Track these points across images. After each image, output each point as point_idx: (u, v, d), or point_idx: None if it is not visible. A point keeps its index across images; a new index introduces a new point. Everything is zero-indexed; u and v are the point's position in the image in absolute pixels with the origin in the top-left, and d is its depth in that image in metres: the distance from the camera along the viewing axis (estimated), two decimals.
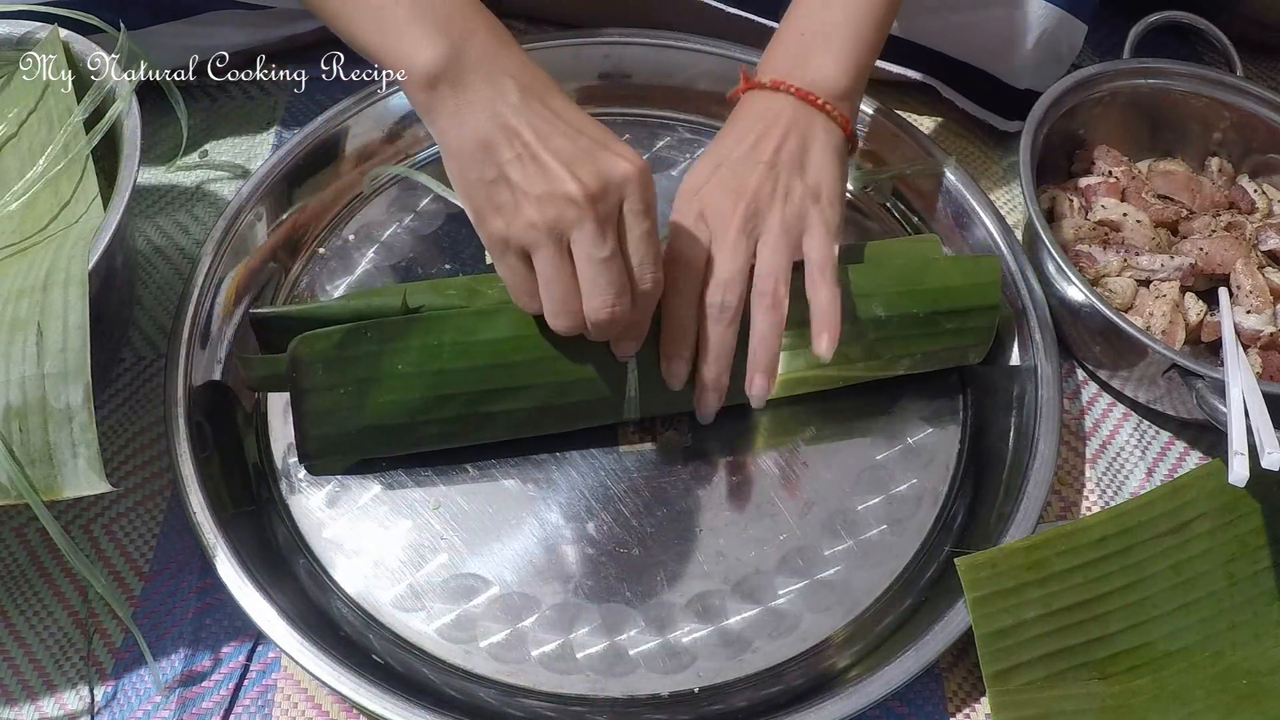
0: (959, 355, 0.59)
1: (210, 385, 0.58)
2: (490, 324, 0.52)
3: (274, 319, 0.54)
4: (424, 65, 0.46)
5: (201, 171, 0.71)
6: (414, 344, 0.52)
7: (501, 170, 0.46)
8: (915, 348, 0.57)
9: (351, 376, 0.51)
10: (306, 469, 0.55)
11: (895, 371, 0.58)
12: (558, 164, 0.45)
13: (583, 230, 0.46)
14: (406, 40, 0.47)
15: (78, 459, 0.46)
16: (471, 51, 0.47)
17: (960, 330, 0.58)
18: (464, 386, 0.53)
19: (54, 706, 0.51)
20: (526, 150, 0.46)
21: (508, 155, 0.46)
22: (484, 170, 0.47)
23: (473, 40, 0.47)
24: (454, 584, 0.54)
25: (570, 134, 0.47)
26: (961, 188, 0.65)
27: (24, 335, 0.47)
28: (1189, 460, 0.62)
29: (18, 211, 0.56)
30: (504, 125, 0.46)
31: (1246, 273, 0.63)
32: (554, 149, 0.46)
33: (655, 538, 0.55)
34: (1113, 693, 0.51)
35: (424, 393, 0.52)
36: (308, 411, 0.52)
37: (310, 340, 0.51)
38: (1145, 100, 0.69)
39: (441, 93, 0.47)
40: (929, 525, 0.57)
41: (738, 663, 0.52)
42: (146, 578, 0.55)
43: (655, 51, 0.71)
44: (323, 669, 0.48)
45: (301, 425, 0.52)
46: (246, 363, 0.54)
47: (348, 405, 0.52)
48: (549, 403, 0.54)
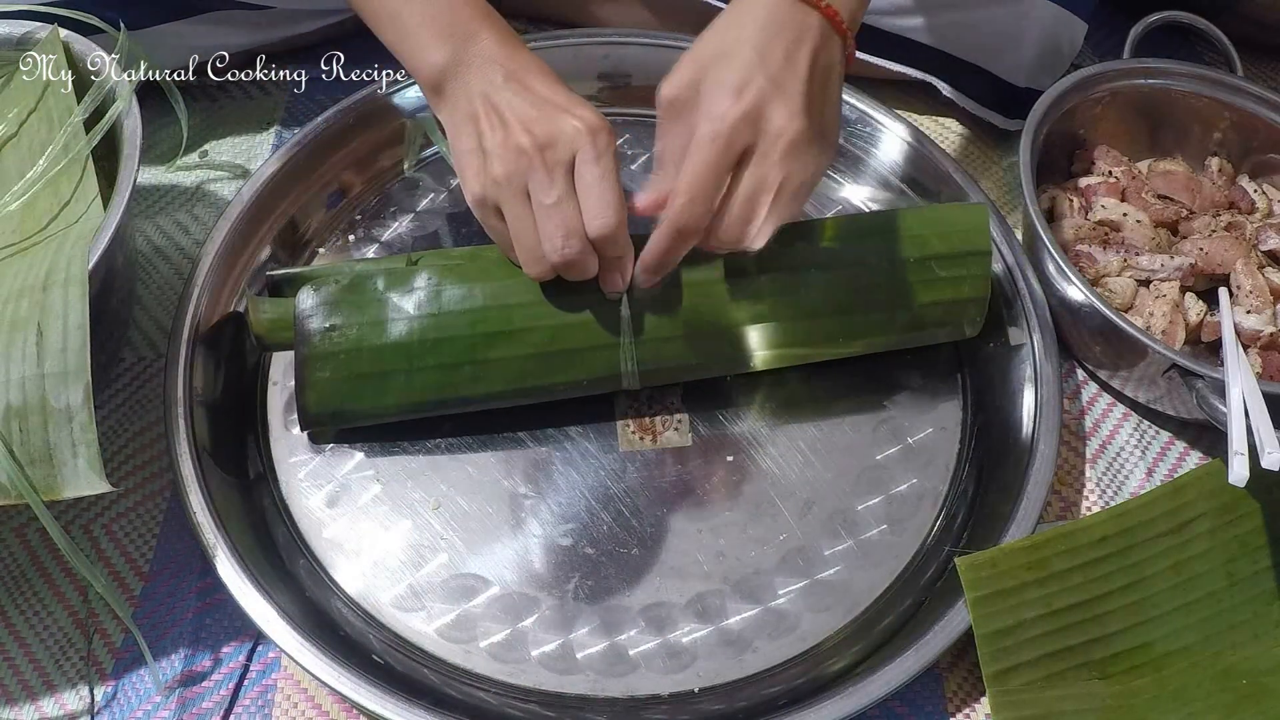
0: (956, 314, 0.58)
1: (210, 381, 0.57)
2: (489, 271, 0.55)
3: (289, 280, 0.55)
4: (430, 67, 0.52)
5: (201, 171, 0.71)
6: (417, 286, 0.54)
7: (479, 139, 0.51)
8: (911, 298, 0.57)
9: (355, 319, 0.53)
10: (303, 426, 0.55)
11: (894, 334, 0.58)
12: (516, 123, 0.50)
13: (534, 179, 0.50)
14: (417, 44, 0.53)
15: (78, 459, 0.46)
16: (472, 52, 0.52)
17: (955, 280, 0.57)
18: (463, 330, 0.54)
19: (54, 706, 0.51)
20: (498, 118, 0.51)
21: (484, 126, 0.51)
22: (468, 141, 0.52)
23: (475, 43, 0.52)
24: (454, 584, 0.54)
25: (538, 102, 0.51)
26: (963, 188, 0.65)
27: (24, 335, 0.47)
28: (1189, 460, 0.62)
29: (18, 211, 0.56)
30: (485, 101, 0.51)
31: (1246, 273, 0.63)
32: (518, 113, 0.50)
33: (655, 538, 0.55)
34: (1113, 693, 0.51)
35: (423, 335, 0.53)
36: (311, 355, 0.53)
37: (319, 281, 0.53)
38: (1145, 100, 0.69)
39: (446, 89, 0.53)
40: (929, 525, 0.57)
41: (738, 663, 0.52)
42: (146, 578, 0.55)
43: (655, 51, 0.71)
44: (323, 669, 0.48)
45: (303, 371, 0.53)
46: (256, 304, 0.54)
47: (349, 349, 0.53)
48: (546, 349, 0.54)
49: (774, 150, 0.48)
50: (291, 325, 0.53)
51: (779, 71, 0.49)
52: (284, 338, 0.54)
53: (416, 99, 0.68)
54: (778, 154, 0.48)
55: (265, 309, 0.54)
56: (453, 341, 0.54)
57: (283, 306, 0.54)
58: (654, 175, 0.51)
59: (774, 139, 0.48)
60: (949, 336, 0.60)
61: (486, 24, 0.53)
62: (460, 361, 0.54)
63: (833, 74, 0.51)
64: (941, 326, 0.59)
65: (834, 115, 0.52)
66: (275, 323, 0.54)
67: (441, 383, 0.55)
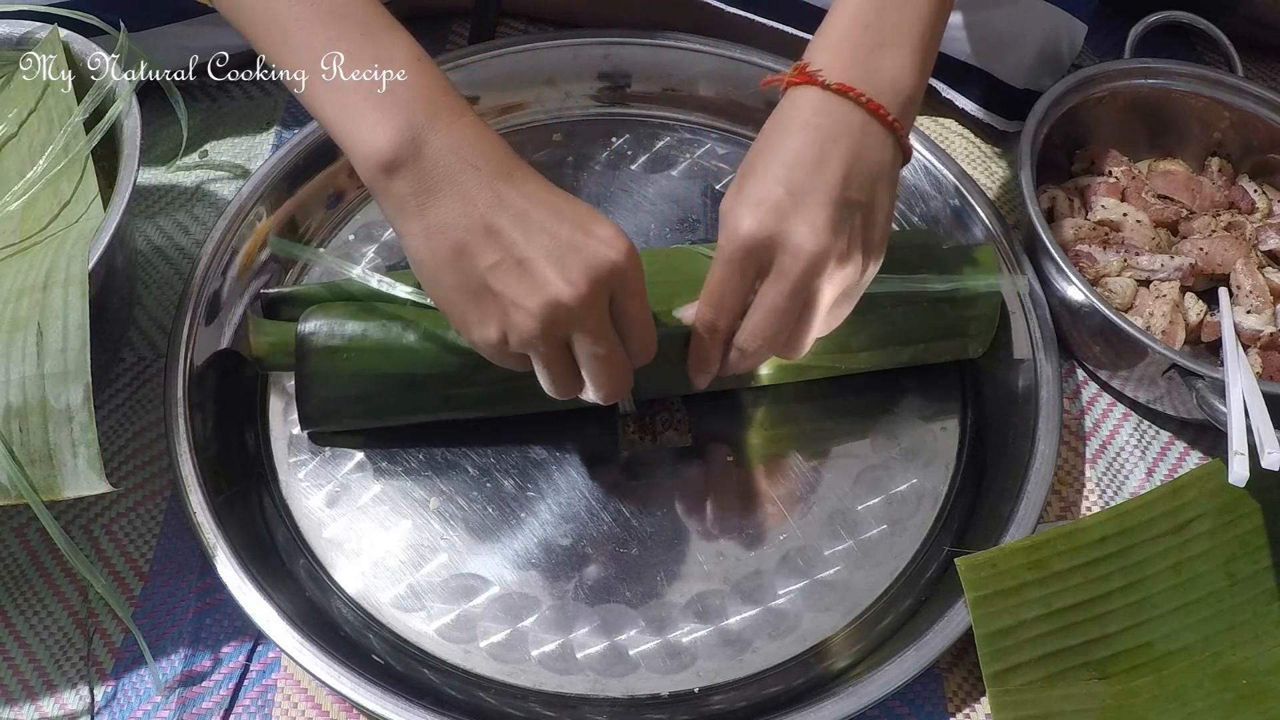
0: (960, 347, 0.59)
1: (210, 382, 0.57)
2: None
3: (284, 299, 0.55)
4: (381, 149, 0.43)
5: (201, 171, 0.71)
6: (424, 321, 0.53)
7: (483, 279, 0.43)
8: (918, 337, 0.57)
9: (358, 345, 0.53)
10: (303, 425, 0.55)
11: (899, 361, 0.58)
12: (546, 266, 0.42)
13: (581, 332, 0.44)
14: (364, 122, 0.43)
15: (78, 459, 0.46)
16: (435, 140, 0.43)
17: (963, 319, 0.58)
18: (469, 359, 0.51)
19: (54, 706, 0.51)
20: (509, 255, 0.43)
21: (489, 260, 0.43)
22: (463, 278, 0.44)
23: (436, 125, 0.43)
24: (454, 584, 0.54)
25: (550, 223, 0.43)
26: (961, 188, 0.65)
27: (24, 335, 0.47)
28: (1189, 460, 0.62)
29: (18, 211, 0.56)
30: (480, 225, 0.43)
31: (1246, 273, 0.63)
32: (538, 247, 0.43)
33: (655, 538, 0.55)
34: (1113, 693, 0.51)
35: (428, 363, 0.53)
36: (313, 373, 0.53)
37: (323, 310, 0.53)
38: (1145, 100, 0.69)
39: (401, 185, 0.43)
40: (929, 525, 0.57)
41: (738, 663, 0.52)
42: (146, 578, 0.55)
43: (655, 51, 0.71)
44: (323, 669, 0.48)
45: (305, 385, 0.53)
46: (258, 326, 0.54)
47: (351, 371, 0.53)
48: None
49: (792, 269, 0.46)
50: (291, 348, 0.52)
51: (806, 181, 0.46)
52: (283, 360, 0.54)
53: None
54: (796, 274, 0.46)
55: (266, 331, 0.54)
56: (457, 370, 0.53)
57: (283, 330, 0.53)
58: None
59: (792, 258, 0.46)
60: (952, 357, 0.60)
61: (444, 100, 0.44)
62: (464, 387, 0.54)
63: (878, 175, 0.48)
64: (944, 352, 0.59)
65: (878, 220, 0.48)
66: (275, 345, 0.54)
67: (444, 400, 0.55)
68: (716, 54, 0.71)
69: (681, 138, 0.72)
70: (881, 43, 0.48)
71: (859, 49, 0.48)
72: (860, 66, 0.47)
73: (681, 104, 0.72)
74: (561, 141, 0.71)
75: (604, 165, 0.70)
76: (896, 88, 0.48)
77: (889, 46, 0.48)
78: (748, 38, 0.71)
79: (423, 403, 0.55)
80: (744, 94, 0.71)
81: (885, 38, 0.48)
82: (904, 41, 0.48)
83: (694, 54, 0.71)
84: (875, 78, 0.47)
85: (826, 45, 0.49)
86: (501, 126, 0.71)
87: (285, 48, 0.45)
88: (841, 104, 0.47)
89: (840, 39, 0.48)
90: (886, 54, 0.48)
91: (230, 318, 0.60)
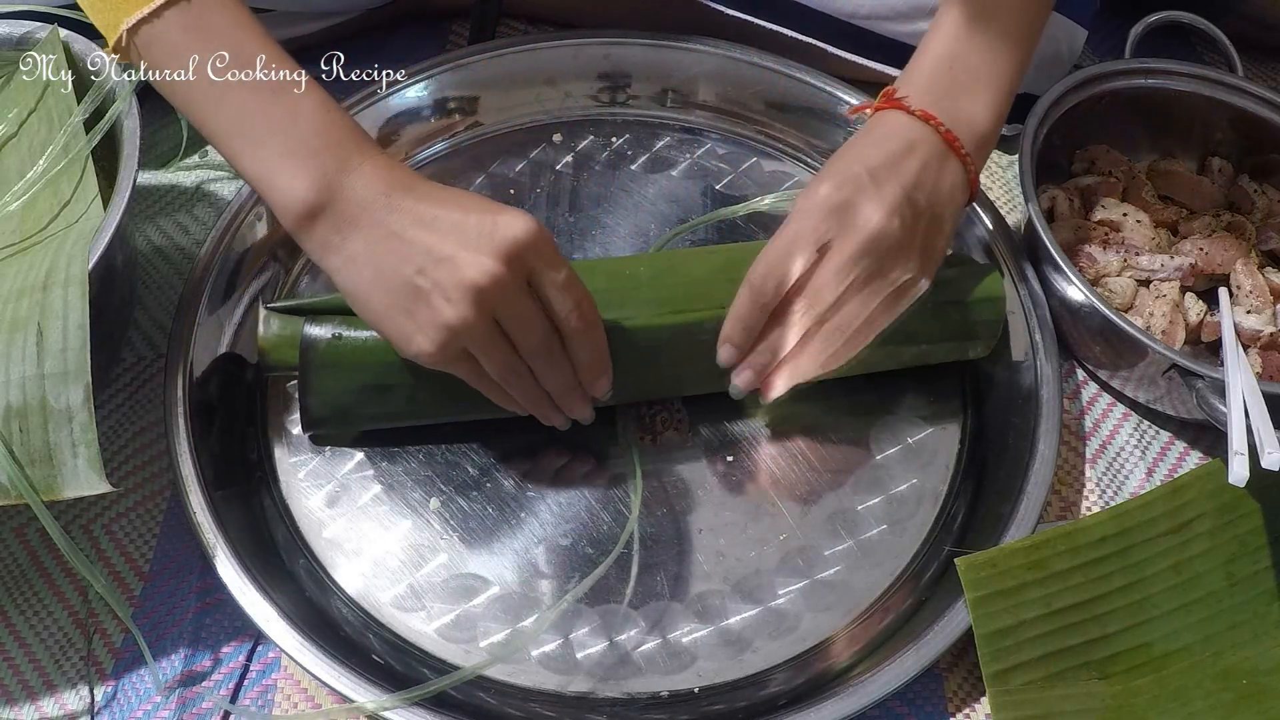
0: (963, 349, 0.59)
1: (210, 381, 0.58)
2: None
3: (288, 312, 0.54)
4: (301, 199, 0.46)
5: (201, 171, 0.70)
6: None
7: (411, 288, 0.45)
8: (922, 338, 0.57)
9: (363, 349, 0.52)
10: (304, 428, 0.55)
11: (902, 362, 0.58)
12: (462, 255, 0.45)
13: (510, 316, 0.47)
14: (281, 176, 0.46)
15: (78, 459, 0.46)
16: (347, 181, 0.46)
17: (968, 322, 0.58)
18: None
19: (54, 706, 0.51)
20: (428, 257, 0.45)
21: (410, 269, 0.45)
22: (391, 294, 0.46)
23: (346, 169, 0.46)
24: (454, 584, 0.54)
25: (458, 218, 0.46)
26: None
27: (24, 335, 0.47)
28: (1189, 460, 0.62)
29: (18, 211, 0.56)
30: (396, 241, 0.46)
31: (1246, 273, 0.63)
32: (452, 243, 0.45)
33: (655, 538, 0.55)
34: (1113, 693, 0.51)
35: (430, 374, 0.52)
36: (316, 375, 0.53)
37: (326, 320, 0.52)
38: (1145, 100, 0.69)
39: (322, 228, 0.46)
40: (929, 525, 0.57)
41: (738, 663, 0.52)
42: (146, 578, 0.55)
43: (655, 51, 0.71)
44: (323, 669, 0.48)
45: (308, 387, 0.53)
46: (267, 317, 0.54)
47: (354, 375, 0.53)
48: None
49: (856, 237, 0.49)
50: (296, 346, 0.52)
51: (883, 171, 0.50)
52: (287, 357, 0.54)
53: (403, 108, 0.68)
54: (859, 241, 0.49)
55: (274, 325, 0.54)
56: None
57: (292, 325, 0.53)
58: None
59: (855, 230, 0.49)
60: (955, 359, 0.60)
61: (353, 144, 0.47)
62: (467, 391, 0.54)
63: (948, 196, 0.52)
64: (948, 354, 0.59)
65: (938, 237, 0.53)
66: (281, 339, 0.54)
67: (448, 405, 0.55)
68: (716, 54, 0.71)
69: (681, 138, 0.72)
70: (965, 85, 0.53)
71: (944, 86, 0.53)
72: (943, 101, 0.53)
73: (681, 104, 0.72)
74: (561, 141, 0.71)
75: (604, 165, 0.70)
76: (973, 127, 0.53)
77: (971, 89, 0.53)
78: (747, 40, 0.71)
79: (426, 408, 0.55)
80: (744, 94, 0.71)
81: (970, 79, 0.54)
82: (986, 87, 0.54)
83: (694, 54, 0.71)
84: (955, 115, 0.53)
85: (916, 80, 0.54)
86: (501, 126, 0.71)
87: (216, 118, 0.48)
88: (923, 129, 0.52)
89: (929, 76, 0.54)
90: (968, 95, 0.53)
91: (230, 318, 0.60)
